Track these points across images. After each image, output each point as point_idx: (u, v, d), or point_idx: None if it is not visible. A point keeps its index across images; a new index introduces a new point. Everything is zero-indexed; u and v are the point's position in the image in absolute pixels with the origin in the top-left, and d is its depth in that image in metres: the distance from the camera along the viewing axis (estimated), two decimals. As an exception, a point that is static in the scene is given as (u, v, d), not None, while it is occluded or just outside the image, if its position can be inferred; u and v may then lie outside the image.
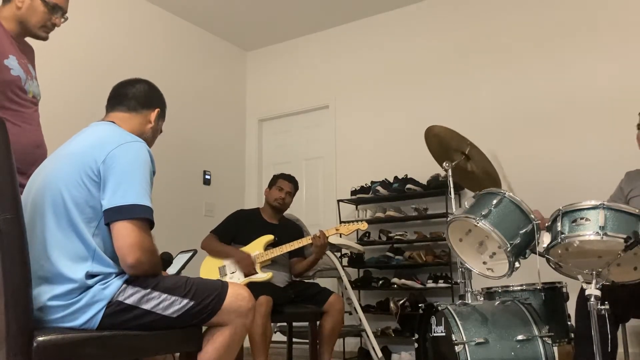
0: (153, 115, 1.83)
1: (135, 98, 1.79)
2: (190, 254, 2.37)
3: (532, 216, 2.20)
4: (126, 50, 4.58)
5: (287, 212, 3.62)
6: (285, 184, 3.45)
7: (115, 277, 1.54)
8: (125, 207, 1.51)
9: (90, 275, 1.50)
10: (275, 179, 3.51)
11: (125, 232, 1.49)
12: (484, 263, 2.34)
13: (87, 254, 1.51)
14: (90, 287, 1.49)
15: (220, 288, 1.64)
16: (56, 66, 3.95)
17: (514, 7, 4.45)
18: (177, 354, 1.81)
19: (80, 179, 1.53)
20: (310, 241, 3.23)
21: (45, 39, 2.19)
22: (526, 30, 4.37)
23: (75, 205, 1.52)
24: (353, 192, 4.71)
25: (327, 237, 3.18)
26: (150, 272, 1.56)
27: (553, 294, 2.42)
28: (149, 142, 1.82)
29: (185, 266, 2.29)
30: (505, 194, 2.24)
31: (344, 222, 3.57)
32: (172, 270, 2.23)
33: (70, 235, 1.51)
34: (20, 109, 2.04)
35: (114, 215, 1.51)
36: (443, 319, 2.26)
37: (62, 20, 2.20)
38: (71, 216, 1.51)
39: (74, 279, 1.48)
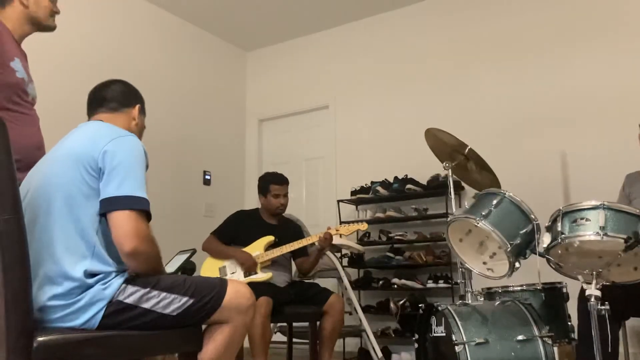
0: (135, 112, 1.84)
1: (114, 99, 1.81)
2: (188, 253, 2.37)
3: (532, 216, 2.20)
4: (125, 50, 4.58)
5: (286, 212, 3.61)
6: (279, 189, 3.39)
7: (115, 276, 1.54)
8: (121, 197, 1.52)
9: (90, 274, 1.50)
10: (266, 185, 3.41)
11: (121, 222, 1.50)
12: (484, 263, 2.34)
13: (86, 252, 1.51)
14: (91, 286, 1.49)
15: (219, 285, 1.64)
16: (56, 67, 3.95)
17: (515, 8, 4.45)
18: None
19: (79, 176, 1.53)
20: (309, 241, 3.24)
21: (55, 27, 2.20)
22: (526, 31, 4.37)
23: (76, 203, 1.52)
24: (353, 192, 4.71)
25: (332, 236, 3.19)
26: (149, 261, 1.55)
27: (553, 294, 2.41)
28: None
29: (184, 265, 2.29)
30: (505, 194, 2.24)
31: (344, 222, 3.57)
32: (169, 269, 2.23)
33: (70, 233, 1.51)
34: (23, 111, 2.05)
35: (110, 205, 1.51)
36: (443, 319, 2.26)
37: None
38: (73, 214, 1.52)
39: (74, 277, 1.48)
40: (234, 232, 3.34)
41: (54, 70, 3.90)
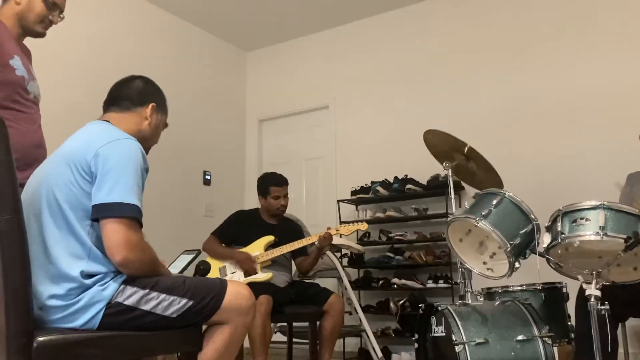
0: (147, 110, 1.79)
1: (128, 97, 1.77)
2: (194, 254, 2.38)
3: (532, 216, 2.20)
4: (126, 50, 4.58)
5: (286, 212, 3.61)
6: (279, 190, 3.38)
7: (113, 277, 1.53)
8: (111, 204, 1.49)
9: (87, 275, 1.49)
10: (266, 186, 3.39)
11: (111, 230, 1.48)
12: (484, 263, 2.34)
13: (82, 253, 1.51)
14: (89, 287, 1.49)
15: (219, 287, 1.63)
16: (56, 67, 3.95)
17: (514, 8, 4.45)
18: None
19: (72, 178, 1.53)
20: (309, 241, 3.24)
21: (43, 35, 2.17)
22: (526, 30, 4.37)
23: (68, 204, 1.51)
24: (353, 192, 4.71)
25: (332, 235, 3.19)
26: (143, 268, 1.54)
27: (553, 294, 2.42)
28: (150, 138, 1.81)
29: (188, 266, 2.30)
30: (505, 194, 2.25)
31: (344, 222, 3.57)
32: (174, 270, 2.23)
33: (66, 234, 1.51)
34: (23, 109, 2.04)
35: (100, 212, 1.50)
36: (443, 319, 2.26)
37: (59, 19, 2.19)
38: (65, 215, 1.51)
39: (72, 278, 1.47)
40: (234, 232, 3.34)
41: (53, 69, 3.90)
